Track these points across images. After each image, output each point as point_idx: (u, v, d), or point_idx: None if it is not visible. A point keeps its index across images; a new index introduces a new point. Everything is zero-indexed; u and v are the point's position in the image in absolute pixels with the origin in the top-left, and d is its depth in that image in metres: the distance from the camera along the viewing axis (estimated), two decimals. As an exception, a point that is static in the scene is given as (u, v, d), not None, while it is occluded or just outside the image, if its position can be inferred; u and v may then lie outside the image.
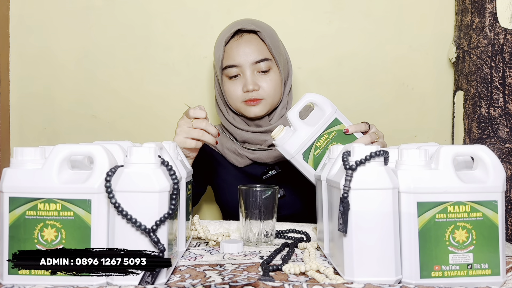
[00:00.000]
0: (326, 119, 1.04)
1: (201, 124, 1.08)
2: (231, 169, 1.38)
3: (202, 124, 1.09)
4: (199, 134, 1.08)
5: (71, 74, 1.75)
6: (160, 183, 0.67)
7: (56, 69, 1.75)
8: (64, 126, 1.77)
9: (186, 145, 1.08)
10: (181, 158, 0.93)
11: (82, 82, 1.75)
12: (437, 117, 1.73)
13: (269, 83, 1.28)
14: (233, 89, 1.29)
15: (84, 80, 1.75)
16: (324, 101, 1.05)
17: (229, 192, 1.37)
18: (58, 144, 0.70)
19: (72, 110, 1.76)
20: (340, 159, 0.79)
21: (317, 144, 1.03)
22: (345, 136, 1.04)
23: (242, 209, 1.00)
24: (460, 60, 1.59)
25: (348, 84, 1.72)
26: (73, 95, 1.75)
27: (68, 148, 0.69)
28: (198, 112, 1.09)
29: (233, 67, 1.27)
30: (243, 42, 1.27)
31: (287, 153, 1.03)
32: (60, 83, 1.75)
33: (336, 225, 0.71)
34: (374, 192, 0.67)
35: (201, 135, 1.08)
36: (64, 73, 1.75)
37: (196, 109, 1.09)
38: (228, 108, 1.36)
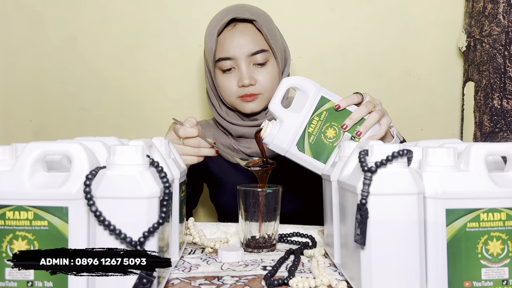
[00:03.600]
0: (311, 101, 0.92)
1: (194, 143, 1.00)
2: (226, 166, 1.28)
3: (195, 143, 1.00)
4: (194, 151, 1.00)
5: (57, 63, 1.65)
6: (148, 188, 0.57)
7: (41, 58, 1.66)
8: (51, 119, 1.68)
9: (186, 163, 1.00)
10: (174, 155, 0.84)
11: (69, 72, 1.66)
12: (445, 109, 1.65)
13: (266, 76, 1.18)
14: (227, 83, 1.20)
15: (72, 70, 1.66)
16: (305, 81, 0.93)
17: (225, 190, 1.28)
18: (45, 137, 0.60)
19: (59, 101, 1.67)
20: (353, 158, 0.70)
21: (309, 130, 0.92)
22: (338, 114, 0.93)
23: (242, 211, 0.92)
24: (470, 49, 1.50)
25: (351, 75, 1.63)
26: (60, 86, 1.66)
27: (42, 146, 0.60)
28: (188, 131, 0.99)
29: (227, 59, 1.17)
30: (237, 32, 1.17)
31: (280, 148, 0.93)
32: (46, 73, 1.66)
33: (351, 234, 0.62)
34: (396, 197, 0.58)
35: (196, 152, 1.00)
36: (50, 63, 1.66)
37: (185, 128, 0.99)
38: (221, 103, 1.27)
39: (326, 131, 0.93)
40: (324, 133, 0.93)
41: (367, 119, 0.93)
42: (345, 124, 0.92)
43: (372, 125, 0.93)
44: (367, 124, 0.92)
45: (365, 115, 0.93)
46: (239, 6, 1.20)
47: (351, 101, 0.94)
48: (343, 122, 0.92)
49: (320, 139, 0.93)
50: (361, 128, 0.92)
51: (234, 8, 1.19)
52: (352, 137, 0.93)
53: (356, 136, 0.93)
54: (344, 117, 0.93)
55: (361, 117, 0.93)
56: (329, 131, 0.93)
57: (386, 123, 0.95)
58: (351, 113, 0.93)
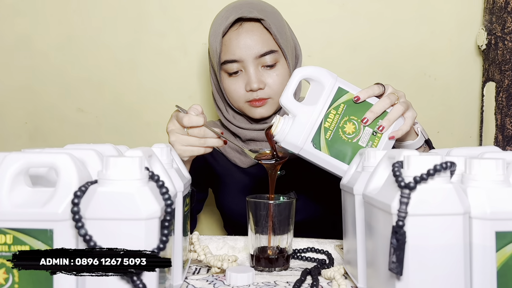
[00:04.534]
0: (328, 92, 0.83)
1: (199, 133, 0.90)
2: (233, 170, 1.20)
3: (200, 133, 0.90)
4: (200, 142, 0.90)
5: (53, 63, 1.57)
6: (147, 207, 0.49)
7: (36, 58, 1.57)
8: (47, 121, 1.60)
9: (187, 154, 0.91)
10: (177, 165, 0.75)
11: (66, 72, 1.57)
12: (463, 111, 1.56)
13: (276, 79, 1.09)
14: (234, 87, 1.10)
15: (68, 70, 1.57)
16: (320, 71, 0.84)
17: (232, 196, 1.19)
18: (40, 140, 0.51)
19: (55, 103, 1.59)
20: (381, 169, 0.61)
21: (325, 125, 0.83)
22: (357, 106, 0.84)
23: (251, 223, 0.83)
24: (491, 48, 1.41)
25: (363, 75, 1.55)
26: (56, 87, 1.58)
27: (23, 158, 0.51)
28: (194, 119, 0.88)
29: (233, 62, 1.08)
30: (244, 32, 1.07)
31: (293, 146, 0.83)
32: (41, 74, 1.58)
33: (382, 260, 0.53)
34: (439, 219, 0.49)
35: (202, 142, 0.90)
36: (46, 63, 1.57)
37: (190, 116, 0.89)
38: (228, 106, 1.18)
39: (344, 125, 0.84)
40: (342, 128, 0.84)
41: (390, 112, 0.84)
42: (366, 118, 0.83)
43: (396, 118, 0.84)
44: (391, 117, 0.83)
45: (387, 108, 0.84)
46: (245, 3, 1.11)
47: (372, 92, 0.85)
48: (363, 115, 0.84)
49: (338, 134, 0.84)
50: (384, 122, 0.83)
51: (239, 5, 1.10)
52: (373, 132, 0.84)
53: (378, 131, 0.84)
54: (364, 110, 0.84)
55: (384, 110, 0.84)
56: (347, 126, 0.84)
57: (411, 117, 0.86)
58: (372, 106, 0.84)
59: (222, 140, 0.91)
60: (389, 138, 0.84)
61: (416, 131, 0.92)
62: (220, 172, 1.20)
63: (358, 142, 0.84)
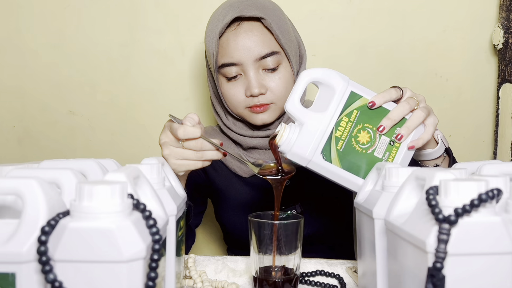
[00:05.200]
0: (339, 97, 0.74)
1: (196, 145, 0.80)
2: (234, 180, 1.11)
3: (197, 145, 0.80)
4: (197, 155, 0.80)
5: (43, 62, 1.48)
6: (129, 247, 0.40)
7: (25, 57, 1.49)
8: (37, 124, 1.51)
9: (183, 169, 0.82)
10: (170, 182, 0.66)
11: (56, 72, 1.49)
12: (476, 113, 1.48)
13: (279, 82, 0.99)
14: (233, 92, 1.01)
15: (59, 70, 1.49)
16: (329, 74, 0.75)
17: (232, 209, 1.10)
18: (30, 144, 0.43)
19: (45, 105, 1.50)
20: (407, 192, 0.53)
21: (336, 134, 0.74)
22: (372, 113, 0.75)
23: (254, 244, 0.75)
24: (508, 47, 1.32)
25: (371, 75, 1.46)
26: (46, 88, 1.50)
27: (-18, 183, 0.43)
28: (190, 131, 0.79)
29: (231, 65, 0.98)
30: (242, 32, 0.97)
31: (300, 158, 0.74)
32: (30, 74, 1.49)
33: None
34: (485, 259, 0.41)
35: (200, 156, 0.80)
36: (35, 62, 1.49)
37: (185, 127, 0.79)
38: (227, 112, 1.09)
39: (358, 134, 0.75)
40: (356, 137, 0.75)
41: (409, 118, 0.75)
42: (382, 126, 0.75)
43: (416, 126, 0.75)
44: (410, 124, 0.75)
45: (406, 114, 0.76)
46: (243, 0, 1.01)
47: (389, 97, 0.76)
48: (379, 123, 0.75)
49: (351, 145, 0.75)
50: (402, 130, 0.75)
51: (237, 3, 1.00)
52: (390, 141, 0.76)
53: (396, 141, 0.75)
54: (380, 117, 0.76)
55: (402, 117, 0.75)
56: (361, 135, 0.75)
57: (433, 124, 0.77)
58: (389, 112, 0.76)
59: (221, 153, 0.82)
60: (408, 148, 0.75)
61: (436, 139, 0.84)
62: (219, 182, 1.12)
63: (374, 153, 0.75)
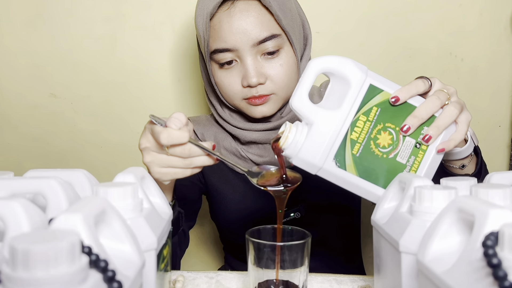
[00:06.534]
0: (355, 92, 0.63)
1: (183, 152, 0.67)
2: (230, 176, 1.00)
3: (184, 152, 0.67)
4: (185, 163, 0.68)
5: (21, 41, 1.35)
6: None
7: (1, 34, 1.34)
8: (15, 109, 1.39)
9: (167, 178, 0.70)
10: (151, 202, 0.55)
11: (35, 51, 1.36)
12: (493, 96, 1.38)
13: (280, 70, 0.86)
14: (228, 82, 0.88)
15: (38, 48, 1.35)
16: (345, 64, 0.63)
17: (229, 208, 1.00)
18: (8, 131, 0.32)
19: (24, 87, 1.38)
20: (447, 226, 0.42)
21: (352, 136, 0.64)
22: (396, 110, 0.65)
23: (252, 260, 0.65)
24: (531, 23, 1.20)
25: (380, 54, 1.35)
26: (24, 68, 1.36)
27: None
28: (175, 136, 0.65)
29: (225, 51, 0.85)
30: (237, 13, 0.83)
31: (309, 164, 0.64)
32: (7, 54, 1.36)
33: None
34: None
35: (188, 163, 0.68)
36: (12, 40, 1.36)
37: (170, 131, 0.65)
38: (222, 103, 0.97)
39: (377, 136, 0.64)
40: (375, 139, 0.64)
41: (439, 116, 0.65)
42: (407, 125, 0.64)
43: (448, 125, 0.65)
44: (441, 124, 0.64)
45: (436, 111, 0.65)
46: None
47: (416, 91, 0.65)
48: (404, 121, 0.64)
49: (369, 148, 0.64)
50: (431, 131, 0.64)
51: None
52: (416, 143, 0.65)
53: (423, 142, 0.65)
54: (405, 115, 0.65)
55: (431, 114, 0.65)
56: (382, 137, 0.64)
57: (466, 122, 0.66)
58: (416, 108, 0.65)
59: (213, 159, 0.70)
60: (437, 151, 0.64)
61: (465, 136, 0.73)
62: (214, 179, 1.01)
63: (396, 158, 0.64)
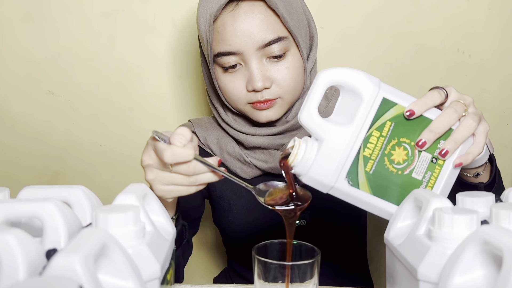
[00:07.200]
0: (368, 106, 0.60)
1: (188, 170, 0.65)
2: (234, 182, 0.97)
3: (189, 170, 0.65)
4: (189, 180, 0.66)
5: (17, 36, 1.32)
6: None
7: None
8: (12, 105, 1.37)
9: (171, 195, 0.68)
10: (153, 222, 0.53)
11: (32, 47, 1.32)
12: (501, 93, 1.36)
13: (286, 73, 0.84)
14: (232, 86, 0.86)
15: (35, 44, 1.32)
16: (356, 76, 0.60)
17: (232, 216, 0.97)
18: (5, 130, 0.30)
19: (21, 84, 1.35)
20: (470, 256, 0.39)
21: (365, 153, 0.61)
22: (411, 124, 0.62)
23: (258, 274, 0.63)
24: (543, 20, 1.17)
25: (386, 50, 1.32)
26: (21, 65, 1.34)
27: None
28: (179, 154, 0.63)
29: (229, 54, 0.82)
30: (242, 14, 0.81)
31: (320, 184, 0.61)
32: (2, 49, 1.33)
33: None
34: None
35: (192, 181, 0.66)
36: (8, 36, 1.32)
37: (174, 149, 0.63)
38: (225, 107, 0.94)
39: (392, 152, 0.62)
40: (389, 155, 0.62)
41: (456, 129, 0.62)
42: (423, 140, 0.61)
43: (466, 139, 0.62)
44: (458, 137, 0.61)
45: (453, 124, 0.62)
46: None
47: (431, 103, 0.62)
48: (419, 136, 0.62)
49: (383, 165, 0.62)
50: (448, 144, 0.61)
51: None
52: (433, 158, 0.62)
53: (439, 157, 0.62)
54: (420, 129, 0.62)
55: (448, 128, 0.62)
56: (396, 152, 0.62)
57: (484, 133, 0.63)
58: (431, 122, 0.62)
59: (218, 176, 0.67)
60: (455, 166, 0.62)
61: None
62: (217, 184, 0.98)
63: (412, 174, 0.62)
